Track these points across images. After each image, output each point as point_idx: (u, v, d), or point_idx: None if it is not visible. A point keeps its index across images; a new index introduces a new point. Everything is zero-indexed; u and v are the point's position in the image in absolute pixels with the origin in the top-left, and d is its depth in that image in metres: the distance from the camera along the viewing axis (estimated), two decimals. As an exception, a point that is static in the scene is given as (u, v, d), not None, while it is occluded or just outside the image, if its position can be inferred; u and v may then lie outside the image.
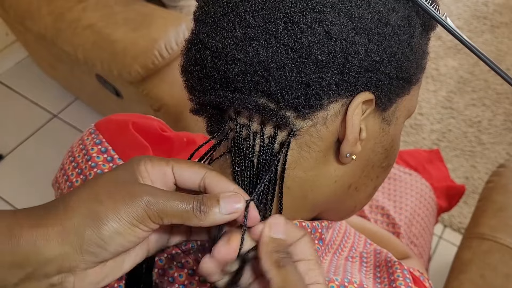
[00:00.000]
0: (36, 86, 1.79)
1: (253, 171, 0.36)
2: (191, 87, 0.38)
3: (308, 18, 0.31)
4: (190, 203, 0.31)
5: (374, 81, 0.34)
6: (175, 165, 0.34)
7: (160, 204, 0.30)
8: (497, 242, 0.88)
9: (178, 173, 0.34)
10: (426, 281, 0.46)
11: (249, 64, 0.33)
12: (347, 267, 0.45)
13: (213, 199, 0.32)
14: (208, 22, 0.34)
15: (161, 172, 0.34)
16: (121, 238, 0.30)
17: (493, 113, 1.78)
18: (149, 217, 0.30)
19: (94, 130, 0.49)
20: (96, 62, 1.11)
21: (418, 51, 0.37)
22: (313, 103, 0.34)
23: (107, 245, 0.30)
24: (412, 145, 1.68)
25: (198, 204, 0.31)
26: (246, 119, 0.36)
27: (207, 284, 0.38)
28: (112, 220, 0.29)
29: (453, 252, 0.97)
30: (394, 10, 0.34)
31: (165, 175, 0.34)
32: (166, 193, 0.31)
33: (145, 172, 0.33)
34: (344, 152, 0.36)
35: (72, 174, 0.46)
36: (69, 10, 1.15)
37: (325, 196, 0.39)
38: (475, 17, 2.15)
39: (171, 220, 0.31)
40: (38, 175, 1.52)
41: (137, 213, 0.30)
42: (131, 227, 0.30)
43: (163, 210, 0.30)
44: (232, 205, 0.32)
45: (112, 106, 1.45)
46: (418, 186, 0.93)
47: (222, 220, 0.32)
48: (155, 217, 0.30)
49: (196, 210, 0.31)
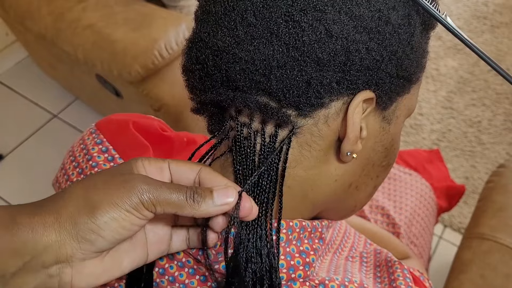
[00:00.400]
0: (36, 86, 1.79)
1: (254, 169, 0.36)
2: (192, 86, 0.38)
3: (309, 17, 0.32)
4: (184, 191, 0.32)
5: (374, 79, 0.34)
6: (171, 162, 0.35)
7: (154, 192, 0.31)
8: (497, 242, 0.88)
9: (174, 169, 0.35)
10: (426, 281, 0.46)
11: (250, 63, 0.33)
12: (347, 266, 0.45)
13: (207, 190, 0.33)
14: (210, 21, 0.35)
15: (158, 167, 0.35)
16: (116, 224, 0.30)
17: (493, 113, 1.78)
18: (142, 204, 0.31)
19: (95, 130, 0.49)
20: (96, 62, 1.11)
21: (419, 49, 0.37)
22: (314, 102, 0.34)
23: (102, 231, 0.30)
24: (412, 145, 1.68)
25: (192, 193, 0.32)
26: (247, 117, 0.36)
27: (208, 283, 0.38)
28: (107, 206, 0.30)
29: (453, 252, 0.97)
30: (395, 9, 0.34)
31: (161, 170, 0.35)
32: (160, 182, 0.32)
33: (142, 167, 0.34)
34: (344, 150, 0.36)
35: (73, 173, 0.46)
36: (69, 10, 1.15)
37: (325, 195, 0.40)
38: (475, 17, 2.15)
39: (165, 208, 0.32)
40: (38, 175, 1.52)
41: (131, 200, 0.30)
42: (125, 213, 0.30)
43: (156, 198, 0.31)
44: (225, 197, 0.33)
45: (112, 106, 1.45)
46: (418, 186, 0.93)
47: (215, 211, 0.33)
48: (148, 204, 0.31)
49: (190, 198, 0.32)
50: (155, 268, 0.39)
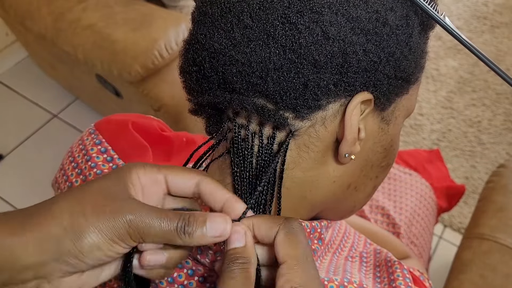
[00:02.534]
0: (36, 86, 1.79)
1: (252, 171, 0.36)
2: (190, 87, 0.38)
3: (306, 19, 0.31)
4: (175, 222, 0.31)
5: (372, 81, 0.34)
6: (168, 172, 0.34)
7: (142, 224, 0.30)
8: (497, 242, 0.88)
9: (171, 180, 0.34)
10: (426, 281, 0.45)
11: (247, 65, 0.33)
12: (346, 267, 0.45)
13: (200, 219, 0.31)
14: (206, 23, 0.34)
15: (153, 179, 0.33)
16: (100, 252, 0.30)
17: (493, 113, 1.78)
18: (129, 236, 0.30)
19: (94, 130, 0.49)
20: (96, 62, 1.11)
21: (417, 50, 0.36)
22: (311, 104, 0.34)
23: (85, 258, 0.29)
24: (412, 145, 1.68)
25: (183, 225, 0.31)
26: (244, 119, 0.36)
27: (207, 284, 0.38)
28: (93, 234, 0.29)
29: (453, 252, 0.97)
30: (392, 10, 0.34)
31: (156, 182, 0.34)
32: (151, 211, 0.31)
33: (137, 179, 0.33)
34: (342, 152, 0.36)
35: (72, 174, 0.46)
36: (69, 10, 1.15)
37: (324, 196, 0.39)
38: (475, 17, 2.15)
39: (153, 240, 0.31)
40: (38, 175, 1.52)
41: (118, 231, 0.30)
42: (111, 243, 0.30)
43: (145, 231, 0.30)
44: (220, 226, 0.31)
45: (112, 106, 1.45)
46: (418, 186, 0.93)
47: (208, 242, 0.32)
48: (135, 236, 0.30)
49: (180, 231, 0.31)
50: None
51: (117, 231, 0.29)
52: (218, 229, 0.31)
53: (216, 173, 0.39)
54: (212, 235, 0.31)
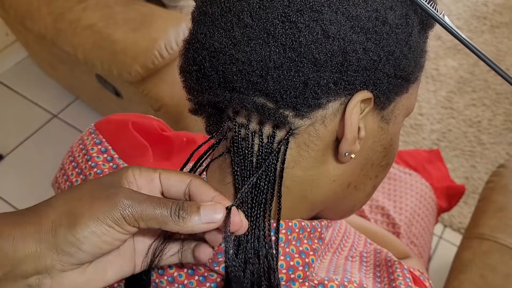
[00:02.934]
0: (36, 86, 1.79)
1: (252, 170, 0.36)
2: (190, 87, 0.38)
3: (305, 17, 0.31)
4: (169, 207, 0.31)
5: (372, 79, 0.34)
6: (162, 173, 0.34)
7: (137, 207, 0.30)
8: (497, 242, 0.88)
9: (165, 181, 0.34)
10: (426, 281, 0.46)
11: (247, 64, 0.33)
12: (347, 266, 0.45)
13: (194, 206, 0.32)
14: (206, 22, 0.34)
15: (148, 178, 0.34)
16: (96, 238, 0.30)
17: (493, 113, 1.78)
18: (124, 219, 0.30)
19: (94, 130, 0.49)
20: (96, 62, 1.11)
21: (417, 49, 0.36)
22: (311, 102, 0.34)
23: (81, 245, 0.30)
24: (412, 145, 1.68)
25: (177, 209, 0.31)
26: (244, 118, 0.36)
27: (207, 284, 0.38)
28: (88, 220, 0.30)
29: (453, 252, 0.97)
30: (392, 9, 0.34)
31: (151, 182, 0.34)
32: (145, 196, 0.31)
33: (132, 177, 0.33)
34: (342, 151, 0.36)
35: (72, 174, 0.46)
36: (69, 10, 1.15)
37: (324, 195, 0.39)
38: (475, 17, 2.15)
39: (148, 223, 0.31)
40: (38, 175, 1.53)
41: (112, 214, 0.30)
42: (106, 227, 0.30)
43: (139, 213, 0.30)
44: (212, 213, 0.32)
45: (112, 106, 1.45)
46: (418, 186, 0.93)
47: (200, 229, 0.32)
48: (130, 220, 0.30)
49: (175, 214, 0.31)
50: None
51: (112, 215, 0.30)
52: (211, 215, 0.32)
53: (216, 172, 0.39)
54: (206, 220, 0.32)
